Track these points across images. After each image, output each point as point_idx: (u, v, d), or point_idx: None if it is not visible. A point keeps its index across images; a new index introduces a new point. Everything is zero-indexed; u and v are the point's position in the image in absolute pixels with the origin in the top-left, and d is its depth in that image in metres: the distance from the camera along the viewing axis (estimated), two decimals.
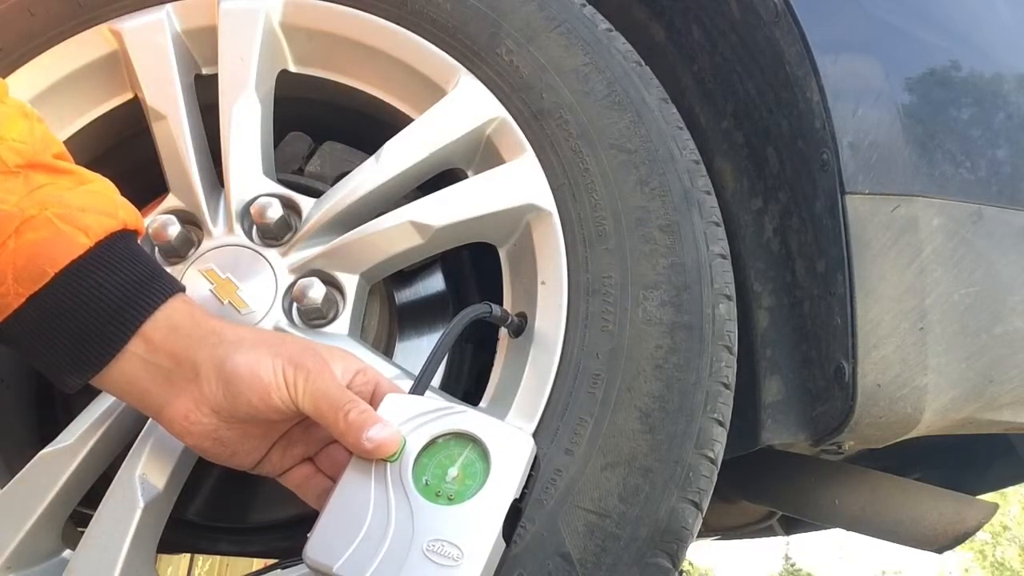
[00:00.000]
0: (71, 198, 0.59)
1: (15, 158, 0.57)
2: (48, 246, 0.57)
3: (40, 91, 0.86)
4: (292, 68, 0.91)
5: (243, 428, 0.61)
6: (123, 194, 0.65)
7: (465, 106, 0.82)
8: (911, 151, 0.79)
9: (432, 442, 0.58)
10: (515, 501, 0.56)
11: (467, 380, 0.99)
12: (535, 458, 0.59)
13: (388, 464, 0.57)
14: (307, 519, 0.97)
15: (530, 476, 0.58)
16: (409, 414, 0.60)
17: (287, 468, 0.66)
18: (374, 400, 0.64)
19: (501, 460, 0.57)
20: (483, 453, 0.57)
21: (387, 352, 0.97)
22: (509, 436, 0.58)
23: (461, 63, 0.84)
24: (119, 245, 0.60)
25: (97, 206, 0.60)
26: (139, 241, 0.64)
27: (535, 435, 0.71)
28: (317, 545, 0.56)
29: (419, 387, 0.64)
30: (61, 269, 0.57)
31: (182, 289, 0.63)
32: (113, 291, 0.58)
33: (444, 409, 0.60)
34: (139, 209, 0.85)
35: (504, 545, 0.55)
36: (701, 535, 1.66)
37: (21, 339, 0.58)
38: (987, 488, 1.26)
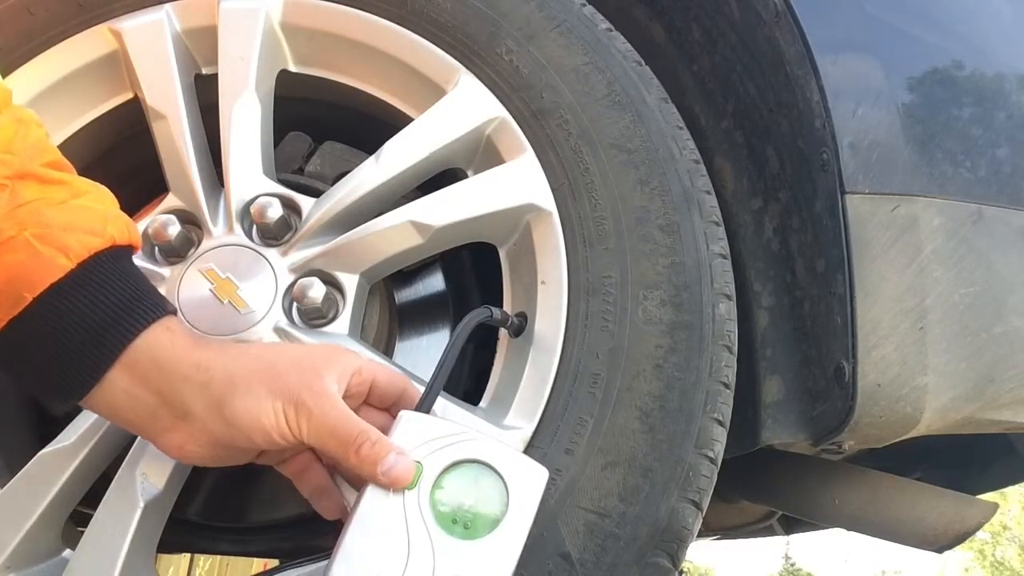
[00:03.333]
0: (55, 215, 0.56)
1: (2, 169, 0.55)
2: (26, 269, 0.54)
3: (40, 91, 0.86)
4: (292, 68, 0.91)
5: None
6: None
7: (465, 106, 0.82)
8: (911, 151, 0.79)
9: (448, 469, 0.58)
10: None
11: (467, 380, 0.99)
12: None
13: (405, 491, 0.57)
14: (307, 519, 0.97)
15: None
16: (424, 437, 0.59)
17: (285, 458, 0.66)
18: (372, 392, 0.63)
19: (518, 492, 0.57)
20: (499, 482, 0.58)
21: (387, 352, 0.97)
22: (525, 466, 0.59)
23: (461, 63, 0.84)
24: (103, 266, 0.58)
25: (83, 224, 0.57)
26: (135, 253, 0.63)
27: (535, 435, 0.71)
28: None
29: (427, 402, 0.64)
30: (39, 293, 0.55)
31: (170, 311, 0.60)
32: (93, 316, 0.56)
33: (459, 434, 0.60)
34: (139, 209, 0.86)
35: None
36: (701, 535, 1.66)
37: (4, 362, 0.57)
38: (987, 488, 1.26)
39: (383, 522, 0.56)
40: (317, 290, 0.77)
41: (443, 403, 0.73)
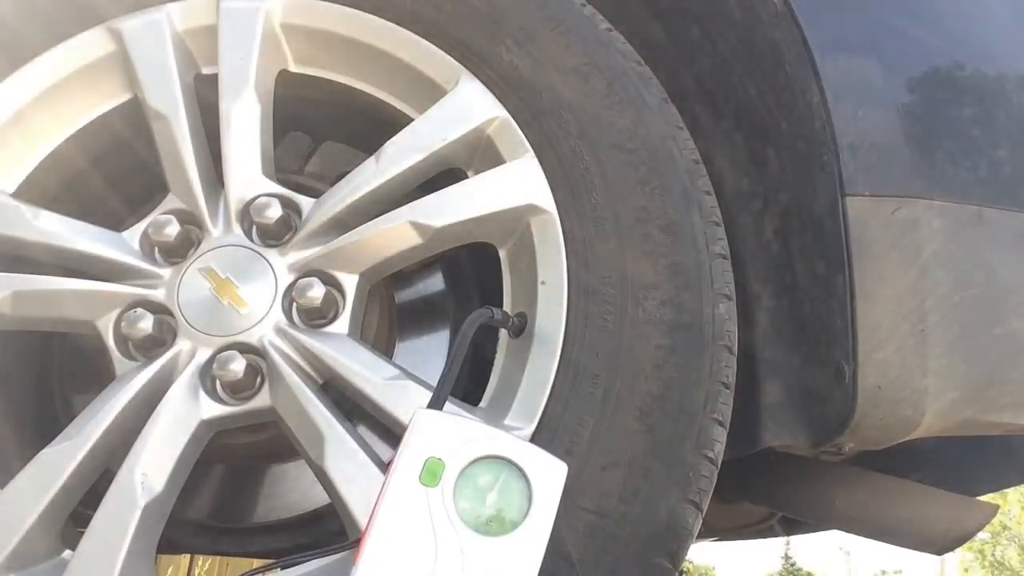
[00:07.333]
0: None
1: None
2: None
3: (40, 91, 0.86)
4: (292, 68, 0.91)
5: None
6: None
7: (465, 106, 0.82)
8: (911, 152, 0.79)
9: (469, 465, 0.59)
10: None
11: (466, 380, 0.99)
12: None
13: (429, 490, 0.57)
14: (307, 519, 0.97)
15: None
16: (443, 435, 0.59)
17: None
18: None
19: (540, 487, 0.58)
20: (521, 477, 0.58)
21: (387, 352, 0.98)
22: (544, 461, 0.59)
23: (461, 63, 0.84)
24: None
25: None
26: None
27: (535, 435, 0.71)
28: None
29: (439, 400, 0.64)
30: None
31: None
32: None
33: (477, 430, 0.60)
34: (139, 210, 0.86)
35: None
36: (701, 536, 1.65)
37: None
38: (987, 489, 1.26)
39: (408, 519, 0.57)
40: (317, 290, 0.77)
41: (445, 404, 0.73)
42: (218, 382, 0.76)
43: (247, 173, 0.83)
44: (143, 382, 0.76)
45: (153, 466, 0.72)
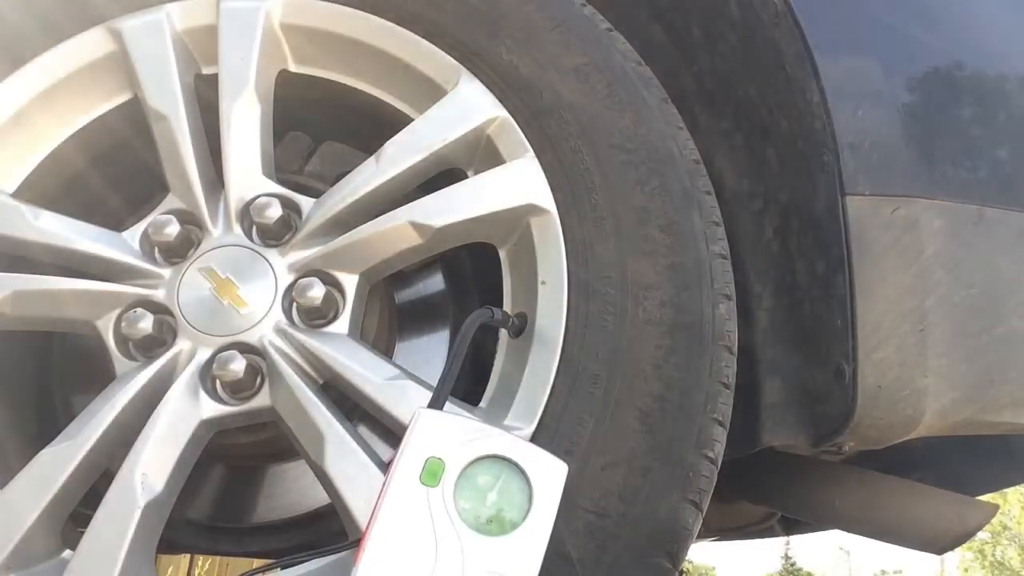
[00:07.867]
0: None
1: None
2: None
3: (40, 91, 0.86)
4: (292, 68, 0.91)
5: None
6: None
7: (465, 106, 0.82)
8: (912, 152, 0.79)
9: (469, 465, 0.59)
10: None
11: (466, 380, 0.99)
12: None
13: (429, 490, 0.57)
14: (307, 519, 0.97)
15: None
16: (443, 434, 0.60)
17: None
18: None
19: (540, 487, 0.58)
20: (522, 477, 0.58)
21: (387, 352, 0.98)
22: (545, 461, 0.59)
23: (461, 63, 0.84)
24: None
25: None
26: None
27: (535, 436, 0.71)
28: None
29: (440, 400, 0.64)
30: None
31: None
32: None
33: (479, 430, 0.60)
34: (139, 210, 0.86)
35: None
36: (701, 535, 1.65)
37: None
38: (987, 489, 1.26)
39: (409, 519, 0.57)
40: (317, 290, 0.77)
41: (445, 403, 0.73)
42: (218, 382, 0.76)
43: (247, 173, 0.83)
44: (143, 382, 0.76)
45: (153, 466, 0.72)
